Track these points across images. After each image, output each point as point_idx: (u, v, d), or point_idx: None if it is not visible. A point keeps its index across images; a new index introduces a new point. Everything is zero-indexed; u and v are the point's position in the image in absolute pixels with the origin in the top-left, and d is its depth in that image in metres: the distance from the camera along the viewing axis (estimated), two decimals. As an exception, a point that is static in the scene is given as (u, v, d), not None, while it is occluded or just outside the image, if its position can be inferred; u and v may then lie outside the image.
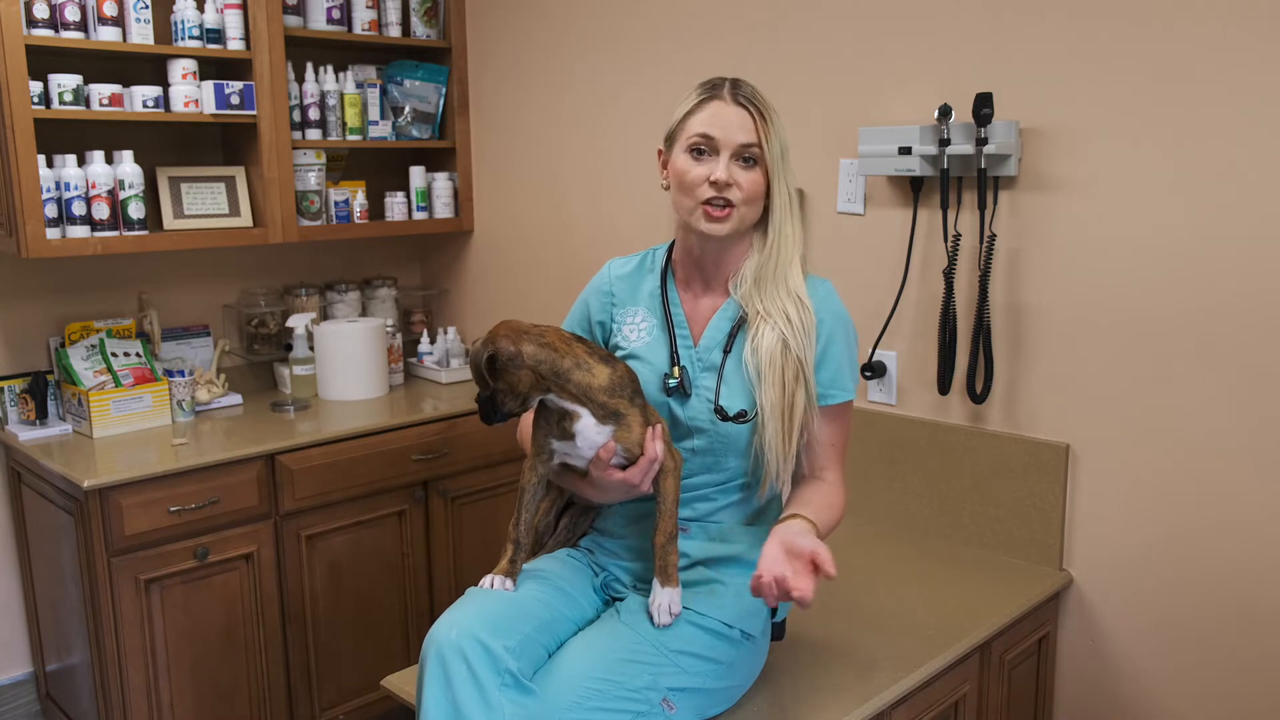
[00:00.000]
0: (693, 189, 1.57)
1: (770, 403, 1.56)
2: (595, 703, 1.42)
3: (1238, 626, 1.89)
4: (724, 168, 1.55)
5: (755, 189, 1.57)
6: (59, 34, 2.48)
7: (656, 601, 1.53)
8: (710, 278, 1.66)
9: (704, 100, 1.58)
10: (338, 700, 2.72)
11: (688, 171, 1.57)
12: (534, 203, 3.12)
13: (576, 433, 1.52)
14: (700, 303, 1.67)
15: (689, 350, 1.64)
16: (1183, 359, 1.90)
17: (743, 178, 1.56)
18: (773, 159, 1.56)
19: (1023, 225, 2.08)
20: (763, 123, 1.55)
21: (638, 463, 1.52)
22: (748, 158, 1.56)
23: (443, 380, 3.16)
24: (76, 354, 2.63)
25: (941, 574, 2.10)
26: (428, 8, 3.15)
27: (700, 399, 1.61)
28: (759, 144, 1.55)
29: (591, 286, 1.77)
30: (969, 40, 2.10)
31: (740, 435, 1.59)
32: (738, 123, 1.55)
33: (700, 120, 1.57)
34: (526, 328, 1.52)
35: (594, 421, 1.51)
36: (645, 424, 1.54)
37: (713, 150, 1.56)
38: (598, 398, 1.51)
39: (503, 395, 1.51)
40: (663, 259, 1.72)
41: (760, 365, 1.57)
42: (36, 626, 2.76)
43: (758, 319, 1.59)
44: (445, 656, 1.41)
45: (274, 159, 2.81)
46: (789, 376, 1.56)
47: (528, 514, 1.60)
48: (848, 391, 1.63)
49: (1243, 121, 1.79)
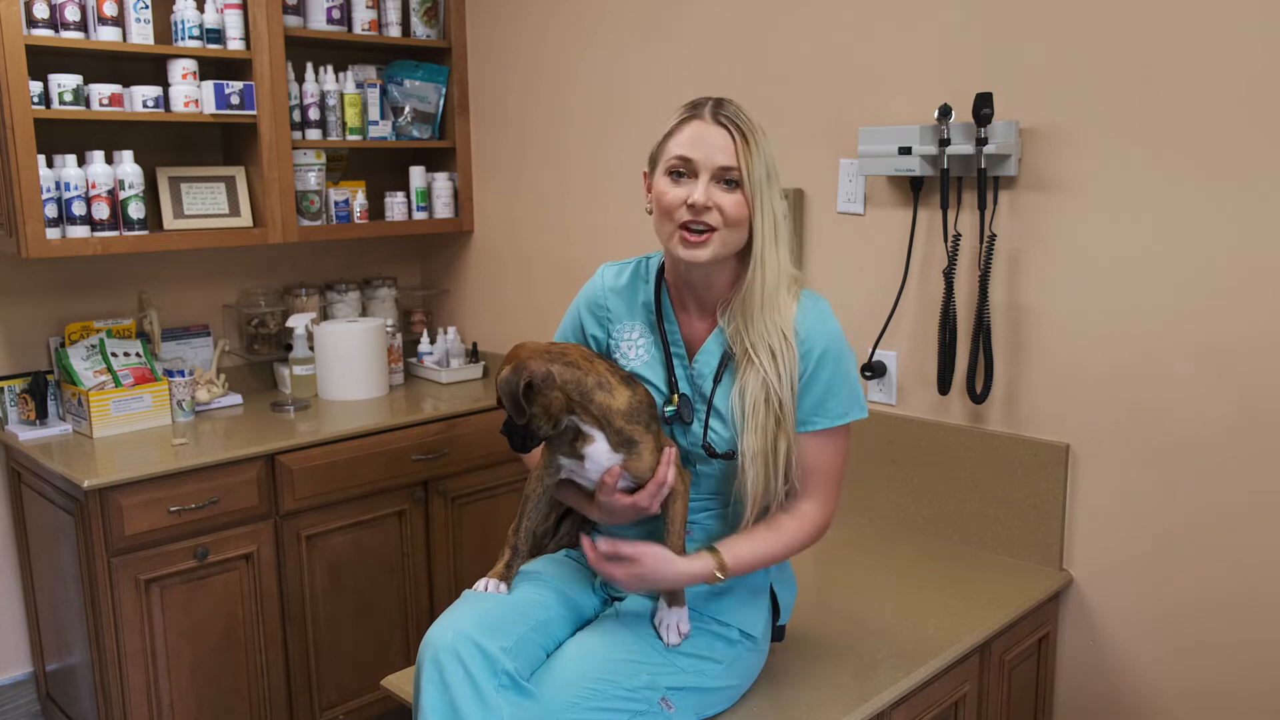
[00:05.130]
0: (671, 211, 1.51)
1: (752, 450, 1.52)
2: (594, 702, 1.42)
3: (1238, 626, 1.89)
4: (702, 190, 1.47)
5: (737, 211, 1.49)
6: (59, 34, 2.48)
7: (665, 621, 1.53)
8: (702, 300, 1.61)
9: (684, 121, 1.52)
10: (338, 700, 2.72)
11: (665, 193, 1.51)
12: (534, 203, 3.12)
13: (586, 455, 1.51)
14: (695, 324, 1.63)
15: (685, 370, 1.61)
16: (1183, 358, 1.90)
17: (724, 200, 1.48)
18: (754, 183, 1.48)
19: (1023, 225, 2.07)
20: (744, 144, 1.48)
21: (646, 486, 1.51)
22: (729, 180, 1.49)
23: (443, 380, 3.16)
24: (76, 354, 2.63)
25: (941, 574, 2.10)
26: (428, 8, 3.15)
27: (699, 425, 1.58)
28: (739, 166, 1.48)
29: (585, 297, 1.72)
30: (969, 40, 2.10)
31: (731, 470, 1.57)
32: (718, 144, 1.48)
33: (679, 142, 1.51)
34: (546, 347, 1.49)
35: (607, 448, 1.50)
36: (657, 450, 1.52)
37: (691, 172, 1.50)
38: (615, 422, 1.49)
39: (537, 420, 1.48)
40: (656, 269, 1.67)
41: (745, 410, 1.52)
42: (36, 626, 2.76)
43: (745, 359, 1.54)
44: (441, 659, 1.41)
45: (274, 159, 2.81)
46: (771, 424, 1.51)
47: (529, 521, 1.59)
48: (829, 418, 1.55)
49: (1243, 121, 1.79)
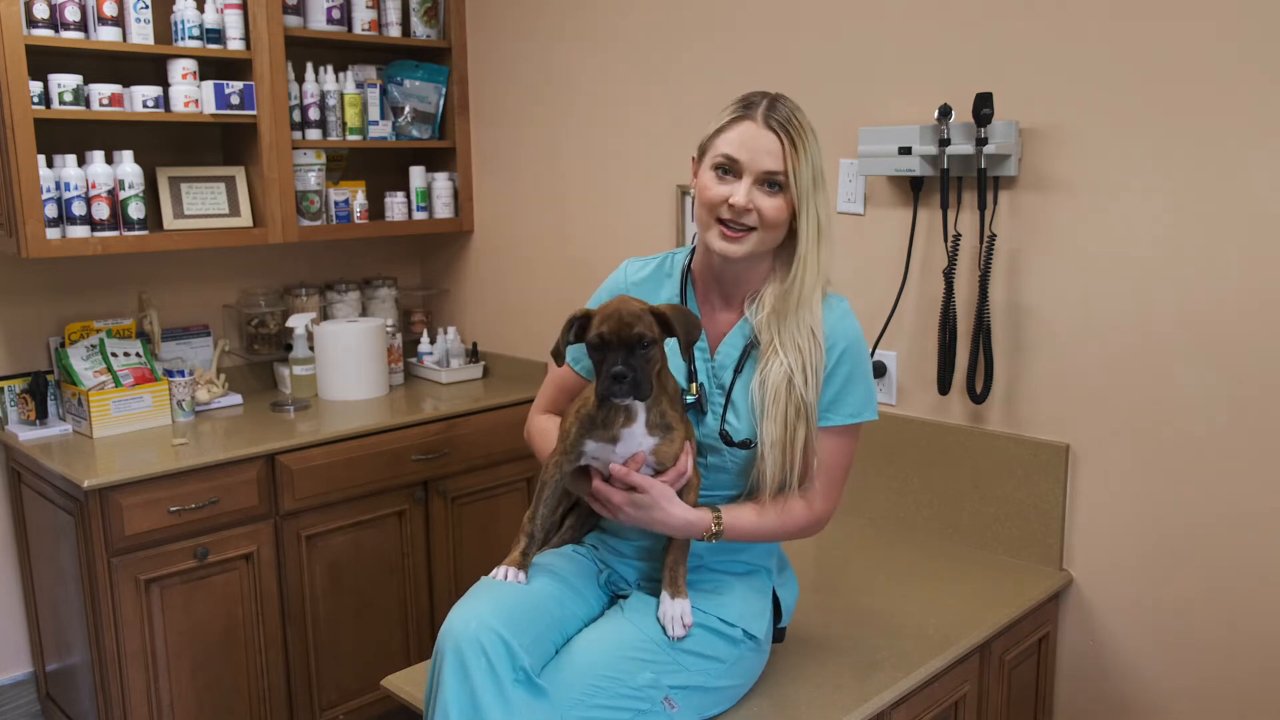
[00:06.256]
0: (713, 207, 1.54)
1: (771, 438, 1.54)
2: (598, 700, 1.42)
3: (1237, 626, 1.89)
4: (744, 193, 1.50)
5: (777, 215, 1.52)
6: (59, 34, 2.48)
7: (668, 614, 1.53)
8: (729, 294, 1.63)
9: (735, 119, 1.53)
10: (338, 700, 2.72)
11: (709, 189, 1.54)
12: (534, 203, 3.12)
13: (622, 436, 1.50)
14: (718, 317, 1.65)
15: (706, 364, 1.63)
16: (1183, 358, 1.90)
17: (765, 204, 1.51)
18: (801, 188, 1.50)
19: (1023, 225, 2.08)
20: (793, 150, 1.49)
21: (667, 474, 1.52)
22: (773, 183, 1.51)
23: (443, 380, 3.16)
24: (76, 354, 2.63)
25: (941, 574, 2.10)
26: (428, 8, 3.15)
27: (713, 416, 1.60)
28: (785, 172, 1.50)
29: (607, 288, 1.72)
30: (969, 40, 2.10)
31: (747, 459, 1.59)
32: (765, 148, 1.50)
33: (728, 140, 1.52)
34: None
35: (644, 430, 1.50)
36: (684, 440, 1.53)
37: (736, 173, 1.52)
38: (661, 403, 1.49)
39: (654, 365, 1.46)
40: (682, 265, 1.68)
41: (765, 399, 1.54)
42: (36, 626, 2.76)
43: (769, 349, 1.56)
44: (463, 649, 1.39)
45: (274, 159, 2.81)
46: (791, 414, 1.54)
47: (545, 509, 1.58)
48: (841, 416, 1.58)
49: (1242, 121, 1.79)
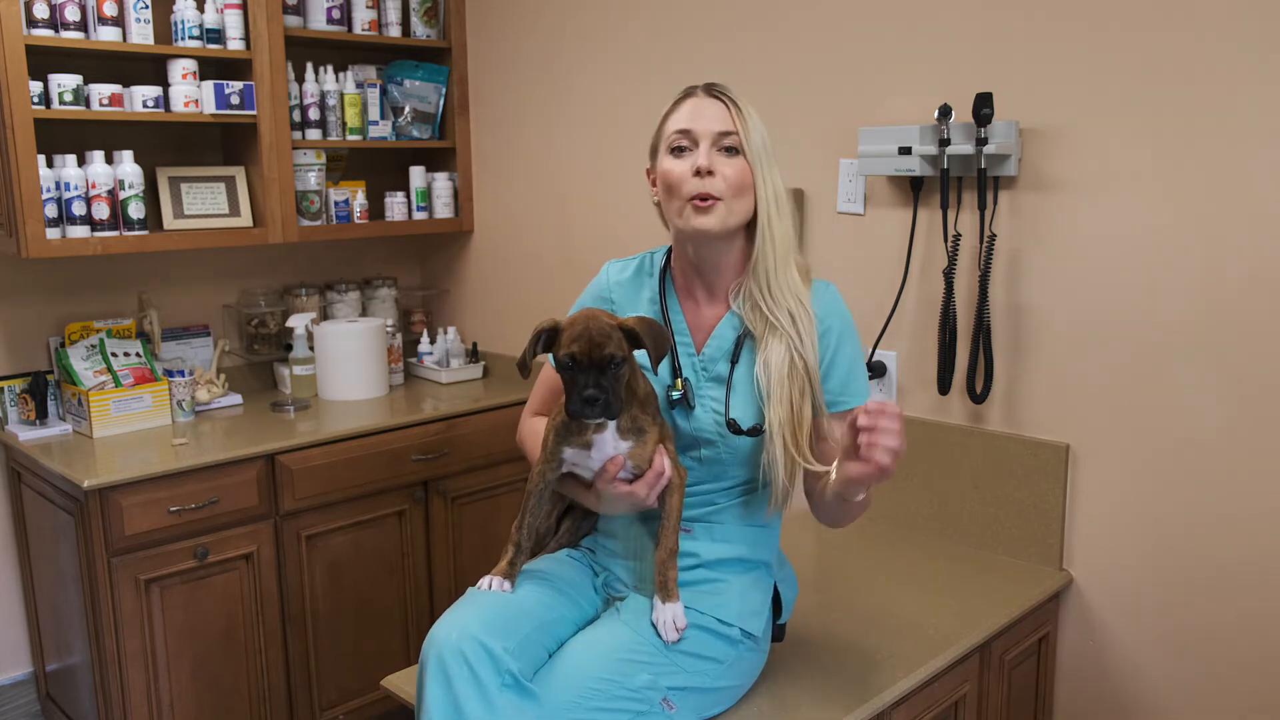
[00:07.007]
0: (679, 186, 1.56)
1: (779, 419, 1.55)
2: (595, 702, 1.42)
3: (1238, 626, 1.89)
4: (705, 154, 1.54)
5: (741, 177, 1.55)
6: (59, 34, 2.48)
7: (660, 619, 1.53)
8: (711, 285, 1.64)
9: (680, 100, 1.61)
10: (338, 700, 2.72)
11: (671, 170, 1.57)
12: (534, 203, 3.11)
13: (595, 442, 1.50)
14: (703, 311, 1.65)
15: (691, 359, 1.63)
16: (1183, 358, 1.90)
17: (725, 166, 1.54)
18: (754, 151, 1.55)
19: (1023, 225, 2.08)
20: (738, 113, 1.56)
21: (644, 476, 1.52)
22: (728, 147, 1.56)
23: (443, 380, 3.16)
24: (76, 354, 2.63)
25: (941, 574, 2.10)
26: (428, 8, 3.15)
27: (706, 410, 1.60)
28: (737, 131, 1.55)
29: (589, 293, 1.75)
30: (969, 40, 2.10)
31: (748, 447, 1.59)
32: (713, 113, 1.56)
33: (677, 118, 1.58)
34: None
35: (615, 435, 1.50)
36: (659, 441, 1.53)
37: (693, 142, 1.56)
38: (632, 408, 1.50)
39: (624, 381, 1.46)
40: (661, 263, 1.70)
41: (771, 380, 1.56)
42: (36, 626, 2.76)
43: (765, 331, 1.58)
44: (445, 658, 1.41)
45: (274, 159, 2.81)
46: (796, 393, 1.56)
47: (532, 518, 1.59)
48: (860, 396, 1.62)
49: (1242, 121, 1.79)
